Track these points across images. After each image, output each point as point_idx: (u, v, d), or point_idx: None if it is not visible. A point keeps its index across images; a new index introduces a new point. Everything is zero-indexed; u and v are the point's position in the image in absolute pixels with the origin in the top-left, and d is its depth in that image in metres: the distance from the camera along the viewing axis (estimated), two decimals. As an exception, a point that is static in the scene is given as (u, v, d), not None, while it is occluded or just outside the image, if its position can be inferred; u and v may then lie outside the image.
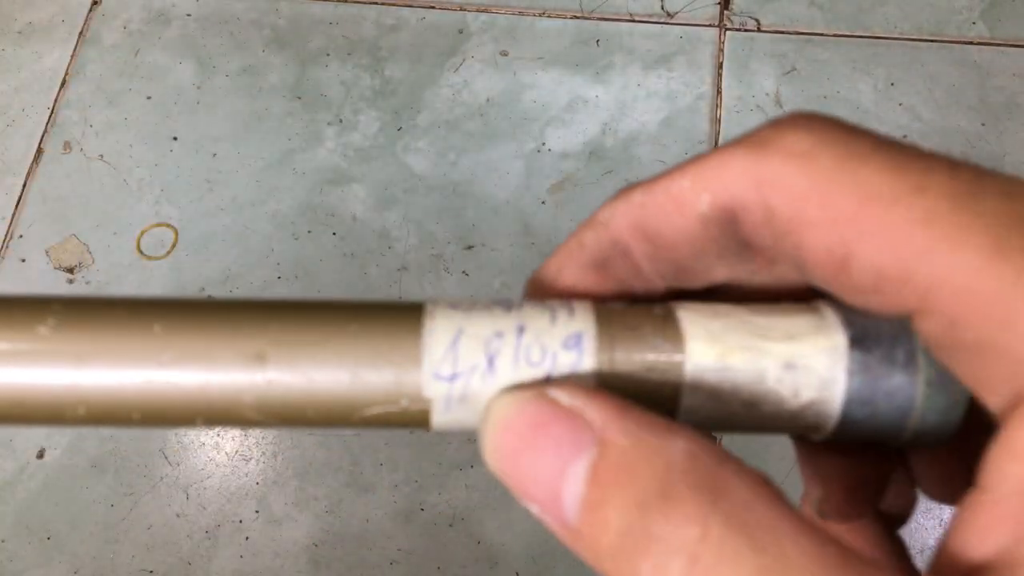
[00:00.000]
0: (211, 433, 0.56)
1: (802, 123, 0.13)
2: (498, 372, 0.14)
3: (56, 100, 0.67)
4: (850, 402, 0.14)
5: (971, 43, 0.66)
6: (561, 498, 0.12)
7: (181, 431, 0.56)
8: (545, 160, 0.63)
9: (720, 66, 0.66)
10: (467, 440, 0.55)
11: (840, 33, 0.67)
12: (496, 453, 0.13)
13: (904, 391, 0.14)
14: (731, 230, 0.14)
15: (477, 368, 0.14)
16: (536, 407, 0.13)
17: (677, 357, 0.14)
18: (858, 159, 0.12)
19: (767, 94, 0.64)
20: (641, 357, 0.14)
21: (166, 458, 0.56)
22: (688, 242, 0.14)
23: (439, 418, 0.14)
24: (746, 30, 0.67)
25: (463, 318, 0.14)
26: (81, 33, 0.69)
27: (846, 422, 0.15)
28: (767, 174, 0.13)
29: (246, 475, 0.55)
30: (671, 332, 0.14)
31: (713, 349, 0.14)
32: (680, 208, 0.14)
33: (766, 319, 0.14)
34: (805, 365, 0.14)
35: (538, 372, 0.14)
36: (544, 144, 0.64)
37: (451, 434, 0.55)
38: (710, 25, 0.67)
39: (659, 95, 0.65)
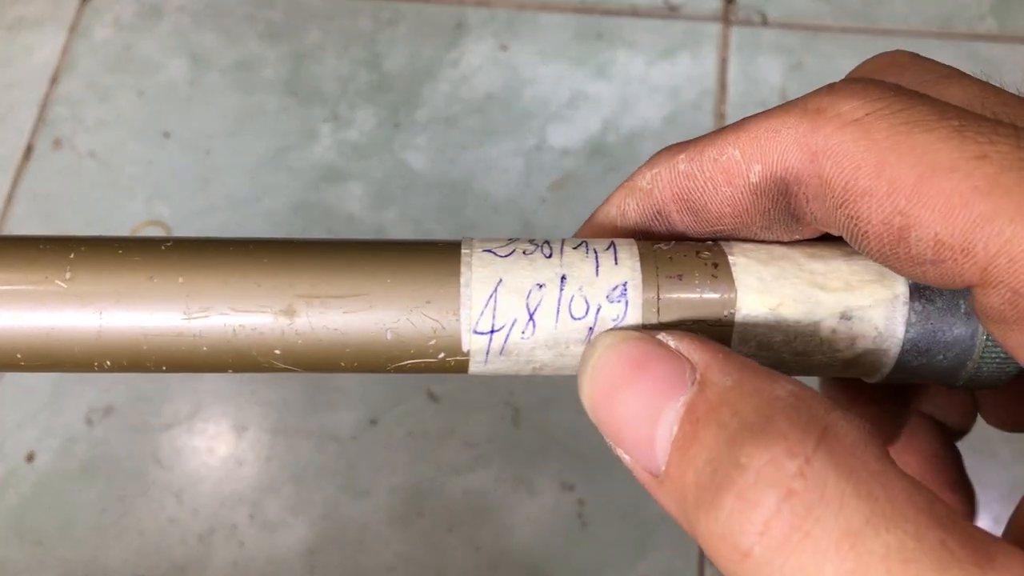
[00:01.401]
0: (204, 437, 0.55)
1: (858, 90, 0.12)
2: (539, 326, 0.13)
3: (46, 96, 0.66)
4: (906, 352, 0.14)
5: (981, 38, 0.64)
6: (653, 441, 0.11)
7: (174, 434, 0.55)
8: (546, 157, 0.62)
9: (724, 61, 0.65)
10: (466, 444, 0.54)
11: (848, 27, 0.65)
12: (593, 392, 0.13)
13: (963, 343, 0.14)
14: (782, 202, 0.13)
15: (517, 322, 0.13)
16: (639, 346, 0.12)
17: (727, 310, 0.13)
18: (917, 127, 0.11)
19: (773, 89, 0.63)
20: (689, 308, 0.13)
21: (158, 462, 0.55)
22: (735, 214, 0.14)
23: (477, 368, 0.14)
24: (751, 24, 0.66)
25: (502, 267, 0.13)
26: (72, 27, 0.68)
27: (899, 369, 0.14)
28: (821, 144, 0.12)
29: (240, 479, 0.54)
30: (721, 281, 0.13)
31: (766, 301, 0.13)
32: (729, 179, 0.13)
33: (823, 264, 0.14)
34: (862, 316, 0.13)
35: (580, 326, 0.13)
36: (545, 140, 0.63)
37: (451, 438, 0.54)
38: (714, 19, 0.66)
39: (662, 90, 0.64)
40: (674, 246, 0.14)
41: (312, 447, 0.55)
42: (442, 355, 0.13)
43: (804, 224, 0.14)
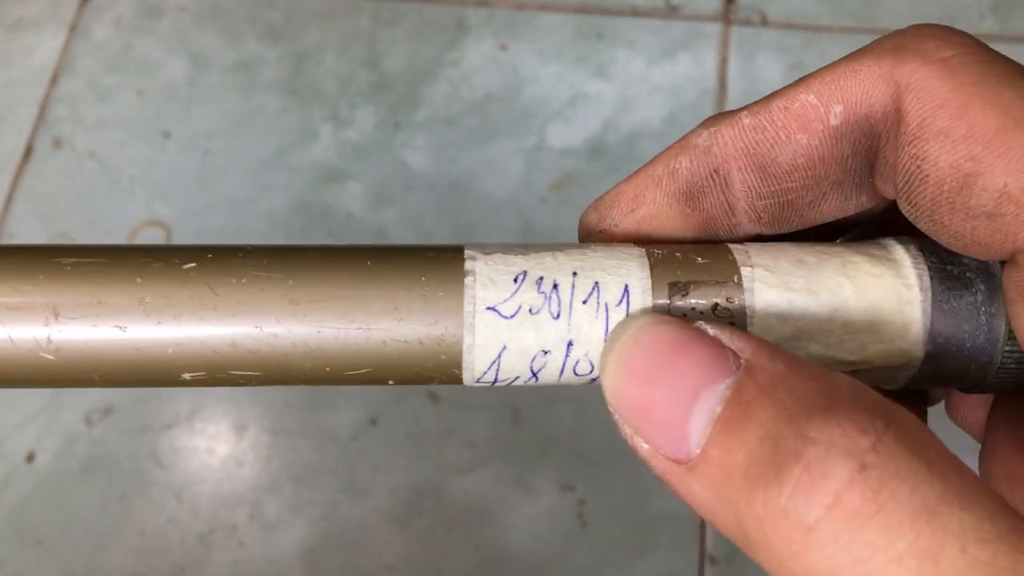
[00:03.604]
0: (204, 437, 0.55)
1: (940, 32, 0.12)
2: (542, 380, 0.13)
3: (46, 96, 0.66)
4: (906, 386, 0.14)
5: (981, 38, 0.64)
6: (685, 424, 0.11)
7: (174, 434, 0.55)
8: (546, 157, 0.62)
9: (725, 61, 0.65)
10: (466, 444, 0.54)
11: (848, 27, 0.65)
12: (618, 372, 0.12)
13: (969, 382, 0.14)
14: (863, 145, 0.12)
15: (520, 378, 0.13)
16: (676, 329, 0.11)
17: None
18: (1004, 80, 0.11)
19: (773, 89, 0.63)
20: None
21: (158, 462, 0.55)
22: (808, 165, 0.13)
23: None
24: (751, 24, 0.66)
25: (506, 332, 0.13)
26: (72, 27, 0.68)
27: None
28: (906, 78, 0.12)
29: (240, 480, 0.54)
30: None
31: None
32: (805, 125, 0.13)
33: (844, 319, 0.13)
34: (867, 371, 0.13)
35: (584, 379, 0.13)
36: (545, 140, 0.63)
37: (451, 438, 0.54)
38: (714, 19, 0.66)
39: (662, 90, 0.64)
40: (693, 293, 0.13)
41: (312, 447, 0.55)
42: (443, 385, 0.14)
43: (877, 174, 0.13)
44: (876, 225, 0.15)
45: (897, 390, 0.17)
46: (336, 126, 0.64)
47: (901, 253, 0.13)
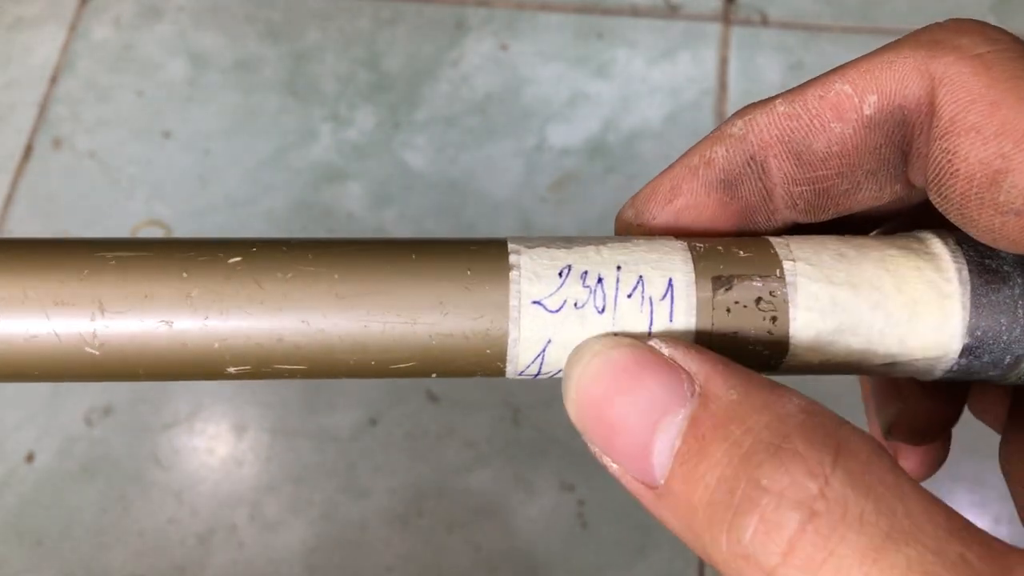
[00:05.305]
0: (204, 437, 0.55)
1: (976, 28, 0.12)
2: None
3: (46, 96, 0.66)
4: (942, 377, 0.14)
5: (981, 37, 0.64)
6: (649, 453, 0.11)
7: (172, 434, 0.55)
8: (546, 157, 0.62)
9: (725, 61, 0.65)
10: (466, 444, 0.54)
11: (847, 27, 0.65)
12: (581, 399, 0.12)
13: (995, 379, 0.14)
14: (896, 135, 0.13)
15: (563, 370, 0.13)
16: (632, 353, 0.12)
17: (773, 361, 0.13)
18: None
19: (774, 88, 0.63)
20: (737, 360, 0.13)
21: (158, 462, 0.55)
22: (843, 153, 0.13)
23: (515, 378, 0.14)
24: (751, 24, 0.66)
25: (551, 327, 0.13)
26: (71, 27, 0.68)
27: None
28: (941, 71, 0.12)
29: (240, 480, 0.54)
30: (776, 338, 0.13)
31: (813, 357, 0.13)
32: (840, 114, 0.13)
33: (885, 318, 0.13)
34: (904, 364, 0.13)
35: None
36: (545, 140, 0.63)
37: (451, 438, 0.54)
38: (714, 19, 0.66)
39: (662, 90, 0.64)
40: (737, 286, 0.13)
41: (312, 447, 0.55)
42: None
43: (910, 165, 0.13)
44: (914, 215, 0.15)
45: (931, 383, 0.17)
46: (336, 126, 0.64)
47: (940, 247, 0.13)
